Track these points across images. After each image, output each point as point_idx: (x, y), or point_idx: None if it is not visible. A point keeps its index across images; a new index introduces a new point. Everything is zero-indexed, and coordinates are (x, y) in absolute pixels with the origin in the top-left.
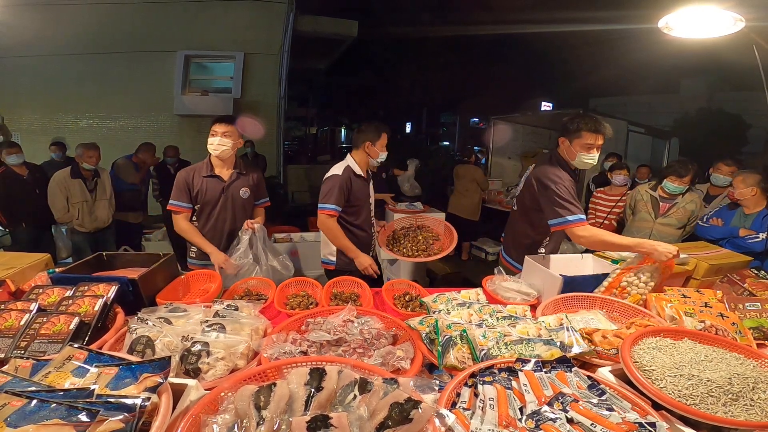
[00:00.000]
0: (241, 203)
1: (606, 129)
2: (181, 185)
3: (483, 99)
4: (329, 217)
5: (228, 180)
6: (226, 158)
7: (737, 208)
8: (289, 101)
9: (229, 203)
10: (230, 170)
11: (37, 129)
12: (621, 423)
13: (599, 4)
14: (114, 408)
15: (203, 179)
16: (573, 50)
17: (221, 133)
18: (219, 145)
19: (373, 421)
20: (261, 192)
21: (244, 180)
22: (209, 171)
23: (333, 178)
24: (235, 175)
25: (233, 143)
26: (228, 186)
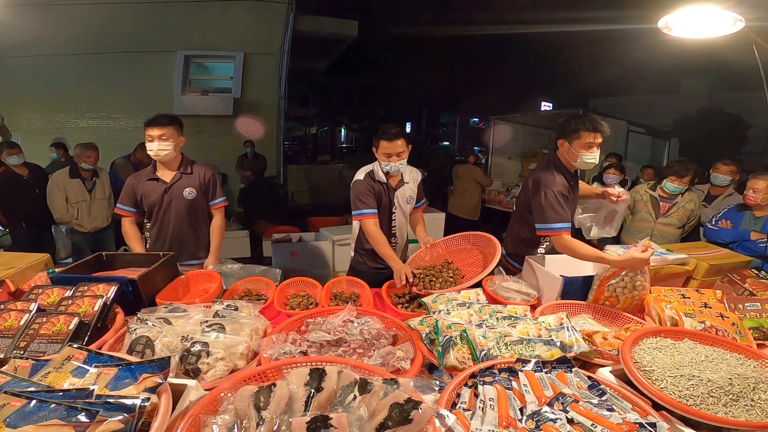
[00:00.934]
0: (185, 204)
1: (603, 127)
2: (128, 190)
3: (483, 99)
4: (366, 221)
5: (170, 182)
6: (169, 160)
7: (746, 210)
8: (289, 101)
9: (172, 205)
10: (173, 171)
11: (37, 129)
12: (621, 423)
13: (599, 4)
14: (113, 408)
15: (145, 183)
16: (573, 50)
17: (157, 137)
18: (159, 150)
19: (373, 422)
20: (213, 192)
21: (188, 180)
22: (151, 174)
23: (356, 184)
24: (178, 176)
25: (174, 144)
26: (169, 188)
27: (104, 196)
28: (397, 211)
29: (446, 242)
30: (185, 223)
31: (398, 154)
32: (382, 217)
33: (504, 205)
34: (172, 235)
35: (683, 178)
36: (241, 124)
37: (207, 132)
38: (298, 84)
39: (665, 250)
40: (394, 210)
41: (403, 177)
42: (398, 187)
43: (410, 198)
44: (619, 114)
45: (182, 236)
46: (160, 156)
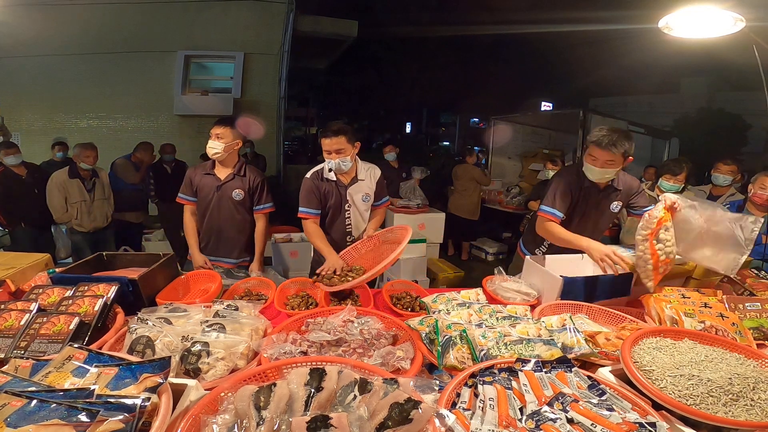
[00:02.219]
0: (232, 204)
1: (616, 148)
2: (187, 180)
3: (483, 99)
4: (303, 219)
5: (223, 180)
6: (222, 159)
7: (744, 210)
8: (289, 101)
9: (221, 203)
10: (229, 170)
11: (37, 129)
12: (621, 423)
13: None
14: (114, 408)
15: (202, 176)
16: (573, 50)
17: (214, 135)
18: (210, 148)
19: (373, 422)
20: (261, 197)
21: (239, 182)
22: (209, 169)
23: (302, 182)
24: (231, 176)
25: (225, 145)
26: (221, 185)
27: (104, 196)
28: (351, 209)
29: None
30: (230, 222)
31: (337, 152)
32: (333, 218)
33: (504, 205)
34: (217, 231)
35: (677, 175)
36: (241, 124)
37: (207, 132)
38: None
39: None
40: (347, 207)
41: (358, 174)
42: (351, 184)
43: (366, 196)
44: (619, 114)
45: (224, 234)
46: (211, 153)
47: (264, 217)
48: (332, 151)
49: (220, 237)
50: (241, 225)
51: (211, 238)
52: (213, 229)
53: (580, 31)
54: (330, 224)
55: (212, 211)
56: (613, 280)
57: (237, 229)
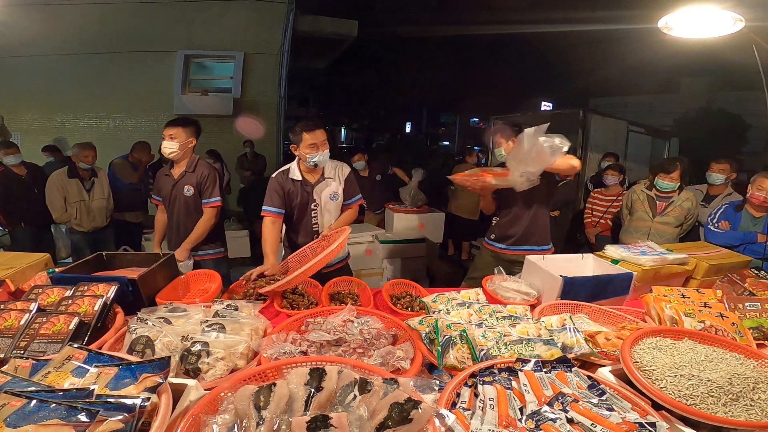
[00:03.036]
0: (184, 200)
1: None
2: (156, 180)
3: (483, 99)
4: (264, 218)
5: (177, 178)
6: (176, 159)
7: (743, 210)
8: (289, 101)
9: (177, 199)
10: (182, 169)
11: (37, 129)
12: (621, 423)
13: (599, 4)
14: (113, 408)
15: (163, 177)
16: (573, 50)
17: (168, 136)
18: (165, 148)
19: (373, 422)
20: (208, 191)
21: (190, 178)
22: (168, 169)
23: (268, 181)
24: (183, 173)
25: (179, 144)
26: (176, 183)
27: (103, 195)
28: (318, 209)
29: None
30: (186, 218)
31: (322, 143)
32: (300, 216)
33: None
34: (177, 228)
35: (670, 173)
36: (241, 124)
37: (207, 132)
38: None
39: (665, 250)
40: (313, 207)
41: (324, 173)
42: (318, 183)
43: (334, 194)
44: (619, 114)
45: (182, 229)
46: (166, 154)
47: (210, 211)
48: (318, 143)
49: (179, 232)
50: (197, 219)
51: (173, 234)
52: (173, 225)
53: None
54: (296, 224)
55: (171, 208)
56: (613, 280)
57: (193, 224)
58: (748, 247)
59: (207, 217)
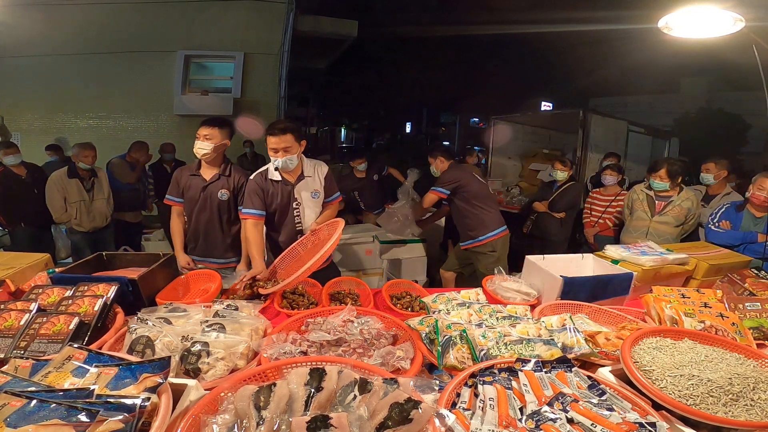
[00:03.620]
0: (218, 204)
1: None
2: (174, 180)
3: (483, 99)
4: (244, 221)
5: (209, 180)
6: (209, 160)
7: (744, 210)
8: (289, 101)
9: (207, 203)
10: (215, 171)
11: (37, 129)
12: (621, 423)
13: (599, 4)
14: (114, 408)
15: (189, 177)
16: (573, 50)
17: (202, 136)
18: (198, 149)
19: (373, 422)
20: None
21: (224, 182)
22: (195, 170)
23: (246, 183)
24: (217, 177)
25: (214, 146)
26: (207, 186)
27: (103, 195)
28: (300, 208)
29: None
30: (216, 222)
31: (285, 149)
32: (281, 217)
33: (504, 205)
34: (205, 231)
35: (656, 171)
36: (241, 124)
37: None
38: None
39: (665, 250)
40: (295, 206)
41: (304, 171)
42: (298, 182)
43: (315, 192)
44: (619, 114)
45: (211, 234)
46: (199, 154)
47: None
48: (279, 149)
49: (207, 237)
50: (227, 225)
51: (199, 239)
52: (200, 230)
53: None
54: (278, 224)
55: (198, 211)
56: (613, 280)
57: (223, 229)
58: (748, 247)
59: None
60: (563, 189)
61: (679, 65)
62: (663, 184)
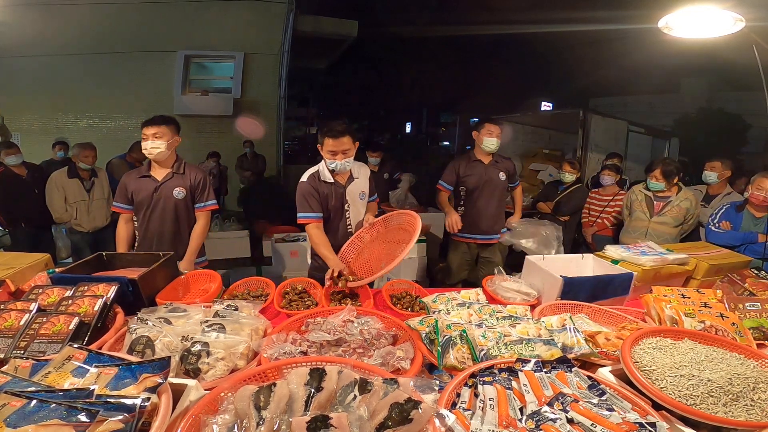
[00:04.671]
0: (173, 205)
1: None
2: (121, 187)
3: (483, 99)
4: (306, 225)
5: (161, 180)
6: (162, 159)
7: (744, 210)
8: (289, 101)
9: (161, 203)
10: (166, 170)
11: (37, 129)
12: (621, 423)
13: (599, 4)
14: (114, 408)
15: (138, 180)
16: (573, 50)
17: (151, 135)
18: (152, 148)
19: (373, 422)
20: (202, 194)
21: (179, 179)
22: (145, 172)
23: (298, 186)
24: (170, 175)
25: (167, 143)
26: (159, 186)
27: (103, 195)
28: (350, 209)
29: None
30: (172, 223)
31: (344, 152)
32: (334, 219)
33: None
34: (159, 234)
35: (652, 171)
36: (241, 124)
37: (207, 132)
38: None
39: (665, 250)
40: (347, 208)
41: (353, 173)
42: (348, 183)
43: (362, 193)
44: (619, 114)
45: (169, 235)
46: (153, 154)
47: (205, 215)
48: (338, 152)
49: (162, 239)
50: (185, 225)
51: (154, 241)
52: (155, 232)
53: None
54: (331, 226)
55: (152, 213)
56: (613, 280)
57: (181, 229)
58: (748, 247)
59: (204, 222)
60: (570, 191)
61: (679, 65)
62: (659, 185)
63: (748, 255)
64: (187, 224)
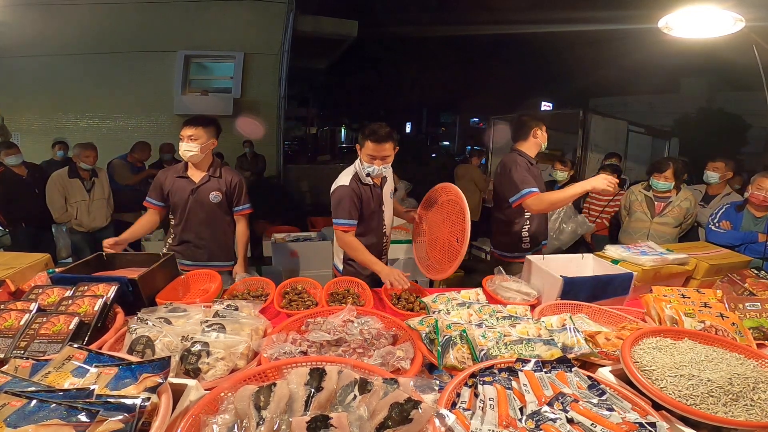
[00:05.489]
0: (209, 208)
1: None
2: (156, 183)
3: (483, 99)
4: (344, 233)
5: (198, 182)
6: (196, 162)
7: (744, 210)
8: (289, 101)
9: (197, 206)
10: (203, 173)
11: (37, 129)
12: (621, 423)
13: (599, 4)
14: (114, 408)
15: (175, 179)
16: (573, 50)
17: (187, 137)
18: (185, 151)
19: (373, 422)
20: (239, 198)
21: (215, 183)
22: (182, 172)
23: (340, 189)
24: (207, 178)
25: (201, 146)
26: (197, 188)
27: (103, 195)
28: (385, 209)
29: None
30: (208, 225)
31: (383, 158)
32: (371, 221)
33: None
34: (195, 235)
35: (663, 172)
36: (241, 124)
37: None
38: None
39: (665, 250)
40: (383, 209)
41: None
42: (383, 184)
43: (392, 192)
44: (619, 114)
45: (204, 237)
46: (186, 156)
47: (244, 219)
48: (378, 157)
49: (199, 242)
50: (221, 228)
51: (190, 243)
52: (191, 234)
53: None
54: (369, 228)
55: (185, 214)
56: (614, 280)
57: (216, 232)
58: (749, 247)
59: (245, 225)
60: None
61: (679, 65)
62: (667, 185)
63: (748, 255)
64: (222, 228)
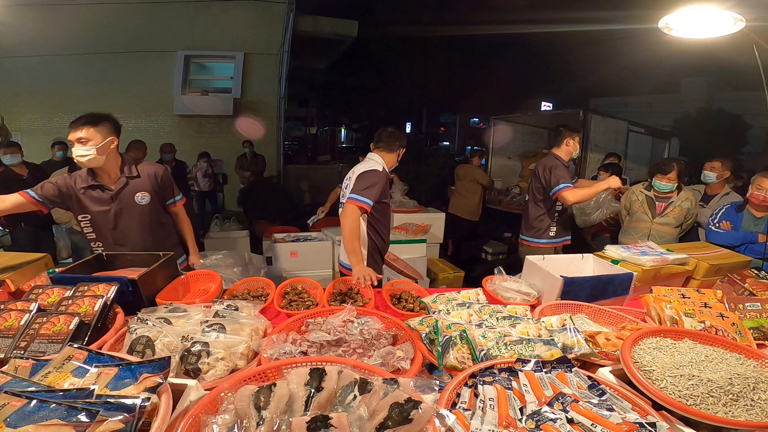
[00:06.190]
0: (139, 211)
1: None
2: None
3: (483, 99)
4: (358, 209)
5: (115, 188)
6: (100, 165)
7: (745, 210)
8: (289, 101)
9: (124, 214)
10: (117, 176)
11: (37, 129)
12: (621, 423)
13: (599, 4)
14: (114, 408)
15: (84, 191)
16: (573, 50)
17: (76, 140)
18: (80, 156)
19: (373, 422)
20: (169, 190)
21: (137, 183)
22: (90, 180)
23: (376, 173)
24: (124, 181)
25: (97, 147)
26: (116, 194)
27: None
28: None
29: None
30: (143, 231)
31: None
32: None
33: (504, 205)
34: (131, 247)
35: (667, 174)
36: (241, 124)
37: (207, 132)
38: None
39: (665, 250)
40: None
41: None
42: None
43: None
44: (619, 114)
45: (146, 245)
46: (83, 162)
47: (181, 210)
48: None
49: (135, 248)
50: (159, 229)
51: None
52: (127, 248)
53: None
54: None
55: (118, 226)
56: (614, 280)
57: (156, 235)
58: (749, 247)
59: (184, 215)
60: None
61: (679, 65)
62: (670, 186)
63: (748, 255)
64: (161, 228)
